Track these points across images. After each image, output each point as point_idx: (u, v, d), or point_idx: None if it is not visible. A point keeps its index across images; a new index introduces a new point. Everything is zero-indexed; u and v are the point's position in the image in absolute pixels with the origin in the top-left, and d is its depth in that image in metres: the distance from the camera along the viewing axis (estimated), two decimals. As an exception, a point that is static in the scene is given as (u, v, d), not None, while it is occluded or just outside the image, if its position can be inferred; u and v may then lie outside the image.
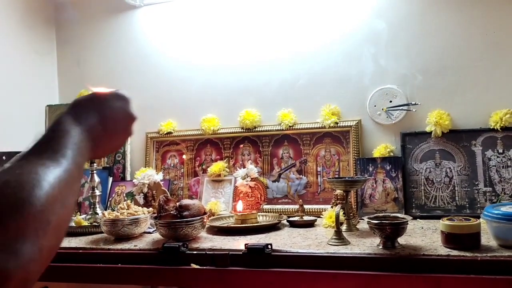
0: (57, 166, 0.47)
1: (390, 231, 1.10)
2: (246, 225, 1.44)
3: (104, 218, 1.40)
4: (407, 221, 1.13)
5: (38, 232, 0.41)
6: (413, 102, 1.63)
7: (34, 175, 0.44)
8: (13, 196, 0.41)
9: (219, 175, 1.78)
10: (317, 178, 1.72)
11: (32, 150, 0.49)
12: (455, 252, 1.05)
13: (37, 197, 0.42)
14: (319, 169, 1.72)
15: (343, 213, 1.38)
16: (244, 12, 1.86)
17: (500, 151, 1.52)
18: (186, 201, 1.35)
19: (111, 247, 1.31)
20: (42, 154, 0.48)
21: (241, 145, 1.83)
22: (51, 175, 0.45)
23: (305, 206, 1.59)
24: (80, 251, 1.32)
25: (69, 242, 1.39)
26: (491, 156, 1.52)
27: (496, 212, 1.09)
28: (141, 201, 1.68)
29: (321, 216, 1.51)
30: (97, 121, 0.59)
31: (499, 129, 1.51)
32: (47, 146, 0.50)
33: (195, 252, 1.20)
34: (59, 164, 0.48)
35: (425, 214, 1.52)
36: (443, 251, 1.06)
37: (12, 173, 0.44)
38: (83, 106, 0.60)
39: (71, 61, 2.14)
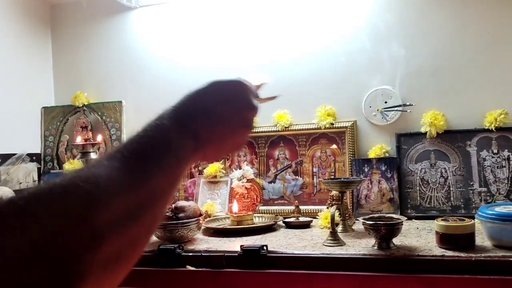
0: (129, 170, 0.36)
1: (385, 231, 1.11)
2: (242, 226, 1.44)
3: (100, 220, 1.39)
4: (402, 221, 1.13)
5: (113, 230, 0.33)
6: (408, 103, 1.63)
7: (91, 178, 0.34)
8: (66, 202, 0.31)
9: (215, 177, 1.78)
10: (313, 179, 1.72)
11: (111, 151, 0.39)
12: (449, 253, 1.05)
13: (86, 208, 0.32)
14: (315, 170, 1.72)
15: (339, 214, 1.38)
16: (240, 14, 1.86)
17: (495, 151, 1.52)
18: (181, 203, 1.35)
19: (106, 249, 1.31)
20: (115, 155, 0.38)
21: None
22: (114, 181, 0.35)
23: (301, 207, 1.59)
24: (76, 253, 1.31)
25: (64, 245, 1.39)
26: (486, 156, 1.52)
27: (490, 212, 1.10)
28: (137, 203, 1.68)
29: (317, 217, 1.51)
30: (204, 113, 0.48)
31: (493, 129, 1.51)
32: (126, 145, 0.40)
33: (190, 254, 1.20)
34: (135, 165, 0.37)
35: (420, 214, 1.52)
36: (438, 251, 1.06)
37: (67, 177, 0.34)
38: (190, 96, 0.49)
39: (67, 63, 2.13)
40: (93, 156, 1.62)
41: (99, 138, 1.70)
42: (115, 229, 0.34)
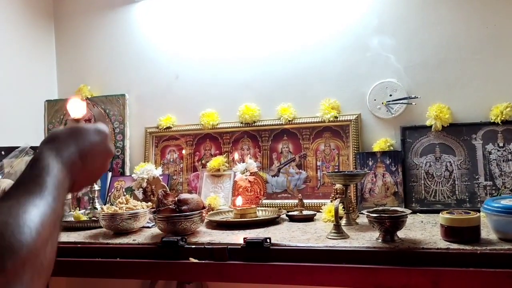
0: (45, 206, 0.46)
1: (389, 224, 1.10)
2: (245, 219, 1.43)
3: (103, 212, 1.39)
4: (406, 214, 1.12)
5: (34, 276, 0.40)
6: (413, 96, 1.62)
7: (24, 215, 0.42)
8: (6, 240, 0.39)
9: (219, 170, 1.78)
10: (316, 172, 1.71)
11: (17, 188, 0.48)
12: (454, 246, 1.04)
13: (31, 241, 0.40)
14: (318, 163, 1.71)
15: (343, 207, 1.37)
16: (243, 6, 1.85)
17: (501, 144, 1.51)
18: (184, 195, 1.34)
19: (110, 241, 1.31)
20: (29, 193, 0.47)
21: (241, 140, 1.83)
22: (41, 216, 0.44)
23: (305, 201, 1.59)
24: (79, 245, 1.31)
25: (68, 237, 1.39)
26: (491, 150, 1.51)
27: (496, 205, 1.09)
28: (140, 196, 1.68)
29: (320, 210, 1.50)
30: (77, 157, 0.57)
31: (499, 122, 1.50)
32: (33, 184, 0.48)
33: (193, 246, 1.20)
34: (47, 203, 0.46)
35: (425, 208, 1.51)
36: (443, 244, 1.05)
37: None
38: (63, 140, 0.57)
39: (70, 56, 2.13)
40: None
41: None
42: (46, 248, 0.43)
